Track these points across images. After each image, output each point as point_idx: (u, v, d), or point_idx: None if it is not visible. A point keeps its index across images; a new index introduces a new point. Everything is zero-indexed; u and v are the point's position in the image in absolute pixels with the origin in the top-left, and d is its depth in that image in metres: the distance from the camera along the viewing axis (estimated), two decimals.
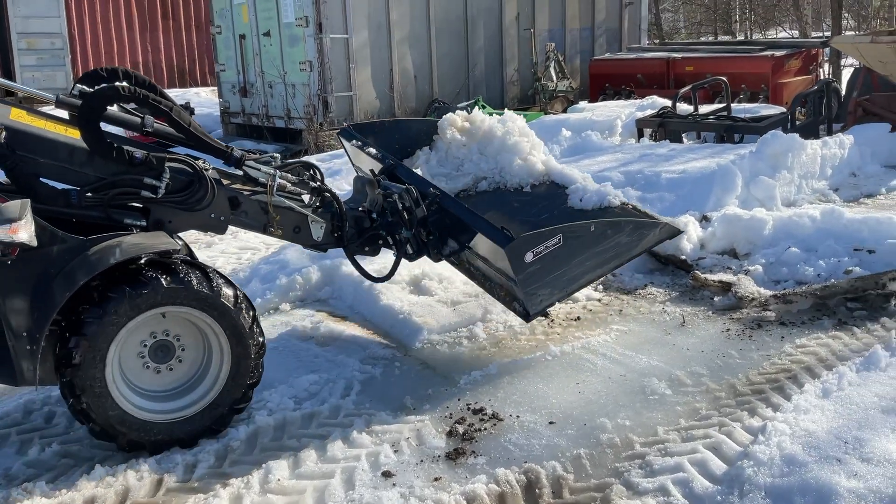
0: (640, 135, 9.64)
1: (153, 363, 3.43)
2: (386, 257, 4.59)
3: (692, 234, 5.64)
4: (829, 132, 9.11)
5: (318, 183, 4.07)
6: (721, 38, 27.20)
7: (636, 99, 12.41)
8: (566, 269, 3.93)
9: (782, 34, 26.02)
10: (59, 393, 4.02)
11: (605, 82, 14.17)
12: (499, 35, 14.05)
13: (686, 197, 6.39)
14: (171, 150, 3.71)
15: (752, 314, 4.66)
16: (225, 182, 3.72)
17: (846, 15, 22.70)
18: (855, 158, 7.74)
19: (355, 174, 4.89)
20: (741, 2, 26.39)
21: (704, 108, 10.34)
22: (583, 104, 13.44)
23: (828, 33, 21.66)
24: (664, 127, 9.23)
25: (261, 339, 3.55)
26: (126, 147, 3.41)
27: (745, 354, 4.17)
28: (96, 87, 3.42)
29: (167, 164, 3.48)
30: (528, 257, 3.73)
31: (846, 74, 12.72)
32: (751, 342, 4.32)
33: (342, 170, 9.07)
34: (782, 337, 4.35)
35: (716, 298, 4.92)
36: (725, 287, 4.96)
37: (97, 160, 3.38)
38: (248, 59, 13.26)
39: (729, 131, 8.79)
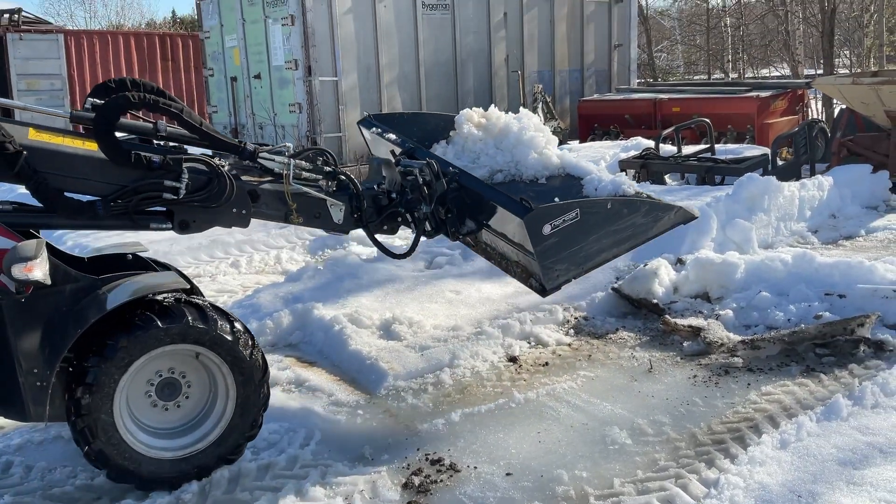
0: None
1: (161, 401, 3.48)
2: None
3: (664, 278, 5.63)
4: (812, 172, 9.16)
5: (332, 167, 4.07)
6: (715, 75, 27.49)
7: (623, 139, 12.50)
8: (583, 245, 3.95)
9: (775, 73, 26.31)
10: (17, 441, 4.03)
11: (593, 123, 14.28)
12: (488, 77, 14.20)
13: (661, 239, 6.24)
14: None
15: (721, 360, 4.63)
16: (242, 176, 3.76)
17: (845, 52, 22.96)
18: (835, 200, 7.76)
19: (369, 157, 4.88)
20: (733, 41, 26.69)
21: (690, 149, 10.41)
22: (572, 144, 13.54)
23: (820, 71, 21.94)
24: (646, 168, 9.28)
25: (263, 364, 3.59)
26: (143, 153, 3.46)
27: (709, 402, 4.13)
28: (108, 99, 3.46)
29: (185, 164, 3.53)
30: (546, 229, 3.75)
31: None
32: (716, 389, 4.29)
33: None
34: (748, 384, 4.32)
35: (685, 343, 4.89)
36: (695, 332, 4.94)
37: (117, 169, 3.44)
38: (239, 100, 13.41)
39: (709, 173, 8.84)
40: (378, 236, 4.31)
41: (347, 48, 12.15)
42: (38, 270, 3.06)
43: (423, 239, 4.25)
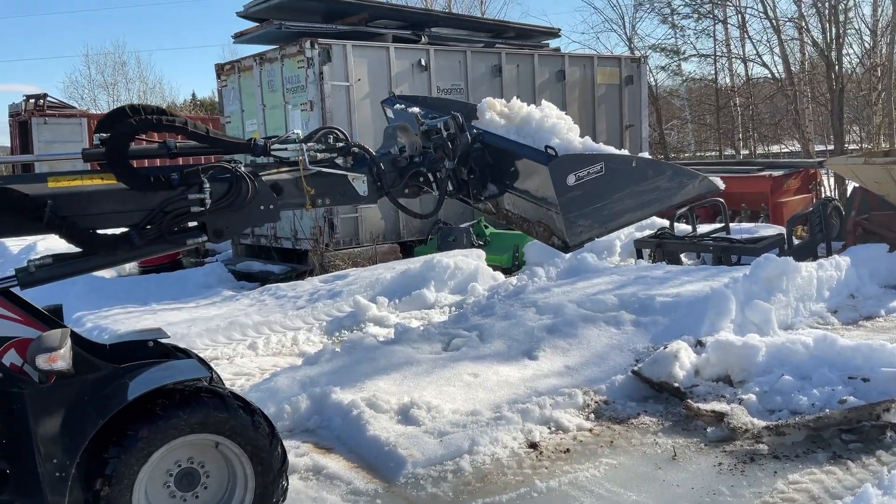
0: (639, 255, 9.72)
1: (179, 492, 3.45)
2: None
3: (685, 361, 5.58)
4: (829, 252, 9.15)
5: (344, 142, 4.06)
6: (726, 151, 27.75)
7: None
8: (607, 202, 3.95)
9: (786, 149, 26.54)
10: None
11: None
12: None
13: (680, 321, 6.37)
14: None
15: (745, 447, 4.55)
16: (260, 172, 3.79)
17: (854, 129, 23.18)
18: (853, 280, 7.72)
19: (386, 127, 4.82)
20: (743, 120, 27.05)
21: (704, 228, 10.45)
22: None
23: (831, 147, 22.14)
24: (662, 248, 9.31)
25: (282, 453, 3.56)
26: (160, 174, 3.51)
27: (736, 492, 4.04)
28: (112, 131, 3.51)
29: (203, 174, 3.57)
30: (571, 180, 3.76)
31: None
32: (742, 478, 4.20)
33: (343, 291, 9.15)
34: (775, 472, 4.23)
35: (709, 429, 4.81)
36: (718, 417, 4.86)
37: (140, 195, 3.49)
38: None
39: (726, 252, 8.85)
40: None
41: (365, 132, 12.39)
42: (62, 361, 3.10)
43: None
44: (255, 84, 12.99)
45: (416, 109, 4.69)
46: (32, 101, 22.04)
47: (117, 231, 3.50)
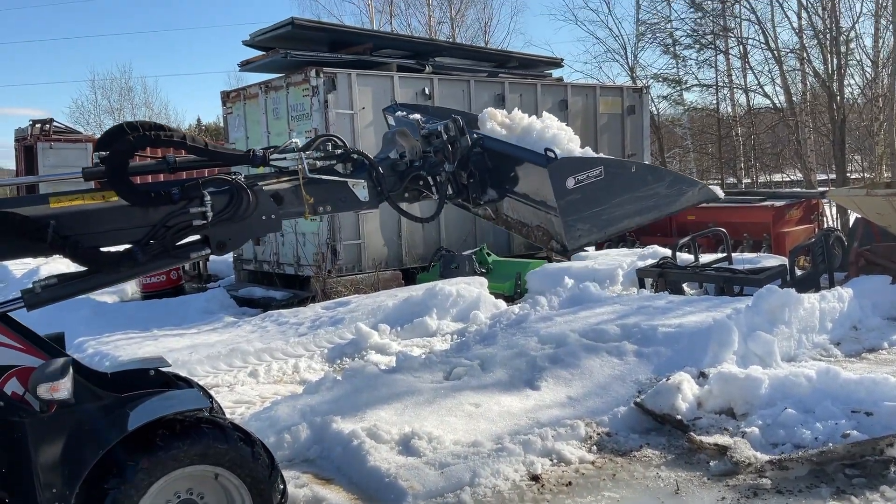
0: (641, 284, 9.71)
1: None
2: None
3: (688, 393, 5.55)
4: (831, 283, 9.14)
5: (343, 149, 4.06)
6: (728, 180, 27.82)
7: (639, 247, 12.59)
8: (606, 207, 3.92)
9: (787, 178, 26.61)
10: None
11: None
12: None
13: (683, 352, 6.35)
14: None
15: (749, 481, 4.51)
16: (260, 183, 3.79)
17: (856, 158, 23.25)
18: (855, 311, 7.70)
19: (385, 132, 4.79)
20: (745, 149, 27.16)
21: (707, 257, 10.46)
22: (588, 250, 13.64)
23: (832, 176, 22.21)
24: (664, 277, 9.31)
25: (282, 487, 3.55)
26: (161, 189, 3.52)
27: None
28: (111, 149, 3.52)
29: (204, 188, 3.57)
30: (570, 183, 3.75)
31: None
32: None
33: (345, 318, 9.15)
34: None
35: (711, 463, 4.78)
36: (721, 451, 4.83)
37: (142, 211, 3.49)
38: None
39: (728, 283, 8.84)
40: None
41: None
42: (64, 390, 3.10)
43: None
44: (260, 111, 13.09)
45: (417, 115, 4.72)
46: (38, 125, 22.23)
47: (121, 248, 3.52)
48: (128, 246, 3.52)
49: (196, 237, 3.67)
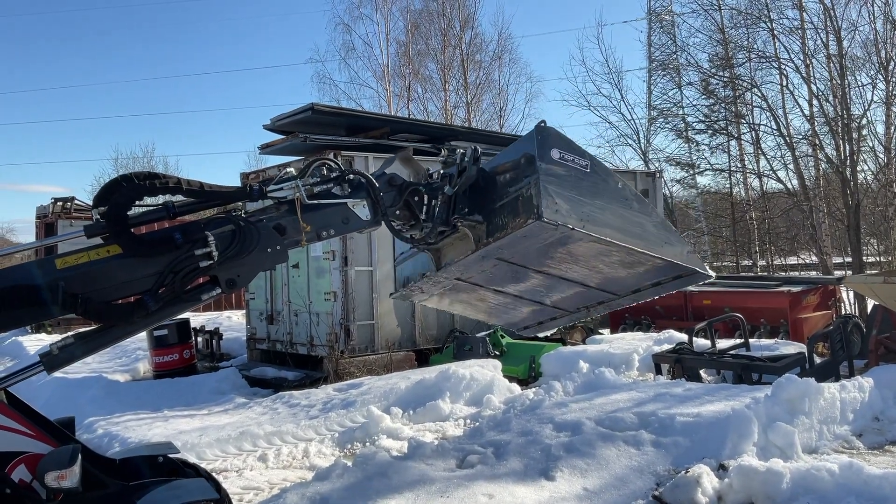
0: (658, 370, 9.59)
1: None
2: None
3: (707, 487, 5.40)
4: (851, 371, 8.99)
5: (338, 171, 4.02)
6: (743, 262, 27.75)
7: (654, 331, 12.49)
8: (587, 201, 3.77)
9: (803, 261, 26.49)
10: None
11: (624, 313, 14.33)
12: None
13: (701, 442, 6.21)
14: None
15: None
16: (260, 216, 3.78)
17: (872, 242, 23.16)
18: (877, 402, 7.54)
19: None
20: (760, 233, 27.18)
21: (724, 343, 10.34)
22: (604, 333, 13.54)
23: (849, 259, 22.10)
24: (681, 363, 9.19)
25: None
26: (163, 236, 3.52)
27: None
28: (109, 203, 3.53)
29: (205, 229, 3.57)
30: (555, 154, 3.67)
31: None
32: None
33: (356, 401, 9.05)
34: None
35: None
36: None
37: (148, 260, 3.49)
38: (276, 288, 13.76)
39: (746, 370, 8.71)
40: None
41: (383, 239, 12.56)
42: (71, 479, 3.09)
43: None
44: None
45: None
46: (60, 203, 22.63)
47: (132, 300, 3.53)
48: (139, 296, 3.53)
49: (205, 278, 3.68)
